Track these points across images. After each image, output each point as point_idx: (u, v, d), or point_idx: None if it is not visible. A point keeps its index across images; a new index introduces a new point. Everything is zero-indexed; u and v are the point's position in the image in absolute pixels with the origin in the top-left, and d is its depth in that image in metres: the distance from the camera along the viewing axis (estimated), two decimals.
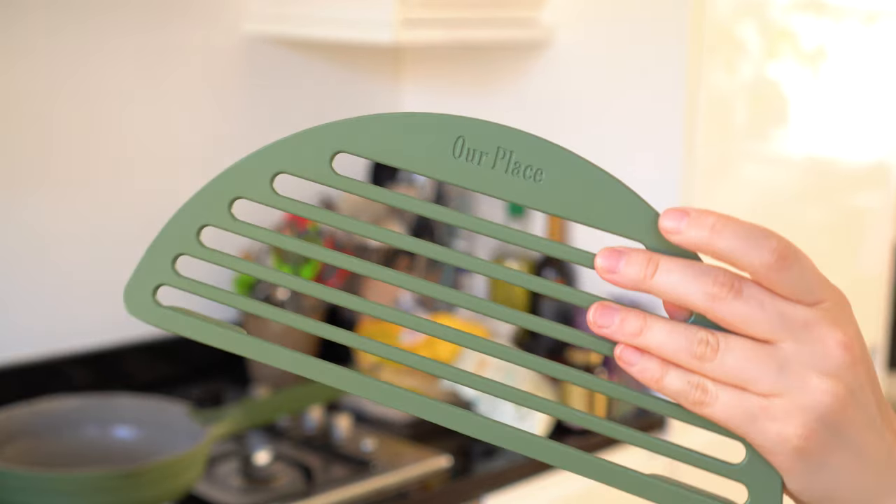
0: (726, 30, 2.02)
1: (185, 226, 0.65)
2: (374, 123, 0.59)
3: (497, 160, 0.57)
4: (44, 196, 1.96)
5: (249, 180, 0.61)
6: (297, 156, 0.61)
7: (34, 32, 1.91)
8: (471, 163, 0.57)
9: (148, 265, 0.66)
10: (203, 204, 0.66)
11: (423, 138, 0.58)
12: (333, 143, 0.62)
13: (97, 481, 1.44)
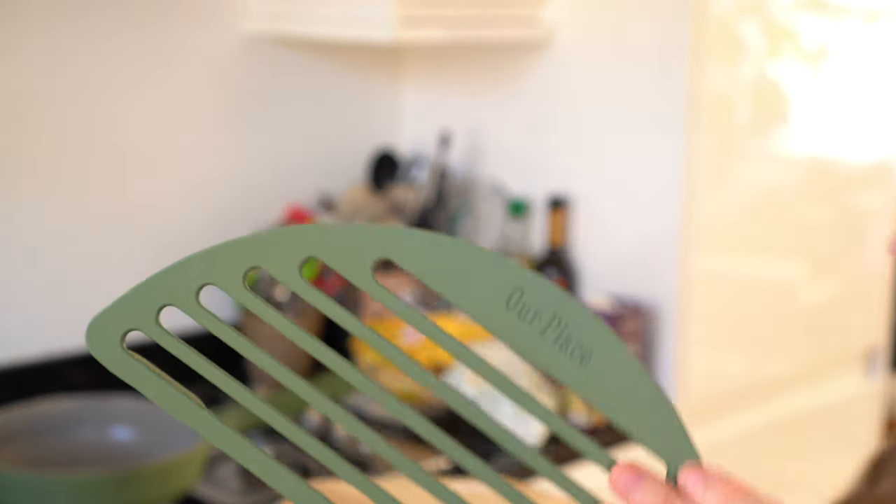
0: (728, 29, 2.02)
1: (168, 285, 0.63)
2: (439, 245, 0.56)
3: (549, 327, 0.55)
4: (41, 196, 1.96)
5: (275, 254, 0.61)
6: (338, 253, 0.59)
7: (31, 31, 1.91)
8: (521, 320, 0.55)
9: (125, 305, 0.62)
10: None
11: (483, 277, 0.55)
12: (381, 251, 0.58)
13: (95, 483, 1.44)
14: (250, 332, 2.11)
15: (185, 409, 0.58)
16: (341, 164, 2.34)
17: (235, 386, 0.57)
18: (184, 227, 2.13)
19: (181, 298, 0.59)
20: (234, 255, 0.56)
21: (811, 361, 2.28)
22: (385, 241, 0.55)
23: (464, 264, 0.55)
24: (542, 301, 0.54)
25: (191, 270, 0.58)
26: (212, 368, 0.59)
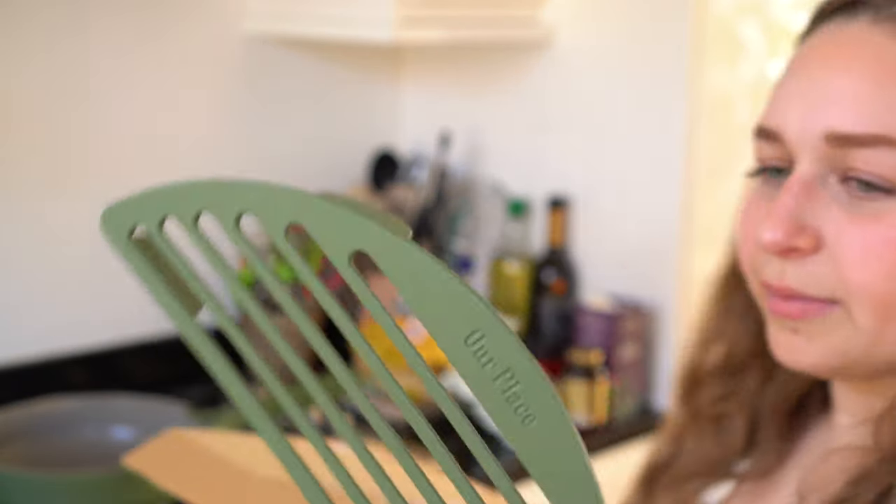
0: (728, 28, 2.02)
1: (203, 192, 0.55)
2: (417, 260, 0.53)
3: (500, 377, 0.53)
4: (42, 196, 1.96)
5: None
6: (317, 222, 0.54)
7: (32, 31, 1.91)
8: (476, 360, 0.53)
9: (136, 203, 0.58)
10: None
11: (449, 306, 0.53)
12: (353, 242, 0.54)
13: (96, 482, 1.44)
14: (250, 332, 2.11)
15: (177, 311, 0.54)
16: (341, 164, 2.34)
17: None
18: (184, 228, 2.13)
19: (183, 215, 0.55)
20: (234, 193, 0.52)
21: None
22: (367, 236, 0.54)
23: (434, 288, 0.53)
24: (500, 350, 0.53)
25: (195, 192, 0.54)
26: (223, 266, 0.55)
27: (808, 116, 0.68)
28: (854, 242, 0.67)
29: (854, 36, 0.69)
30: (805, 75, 0.70)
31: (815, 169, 0.69)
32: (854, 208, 0.67)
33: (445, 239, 2.29)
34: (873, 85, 0.67)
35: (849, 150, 0.67)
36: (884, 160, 0.66)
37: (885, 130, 0.66)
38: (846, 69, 0.68)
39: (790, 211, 0.68)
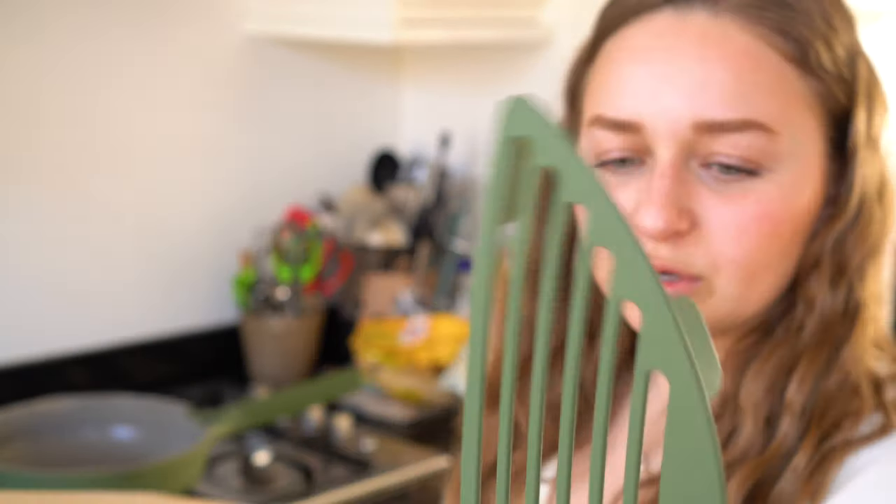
0: None
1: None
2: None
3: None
4: (42, 196, 1.96)
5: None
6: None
7: (34, 32, 1.91)
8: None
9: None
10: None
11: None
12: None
13: (96, 482, 1.44)
14: (250, 332, 2.12)
15: (491, 213, 0.48)
16: (342, 165, 2.35)
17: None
18: (185, 228, 2.14)
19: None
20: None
21: None
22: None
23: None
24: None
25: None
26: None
27: (675, 106, 0.70)
28: (728, 221, 0.70)
29: (700, 27, 0.71)
30: (653, 64, 0.72)
31: (679, 155, 0.71)
32: (722, 189, 0.71)
33: (445, 239, 2.29)
34: (733, 73, 0.70)
35: (714, 135, 0.70)
36: (750, 143, 0.70)
37: (751, 115, 0.69)
38: (703, 59, 0.70)
39: (669, 197, 0.70)
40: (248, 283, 2.14)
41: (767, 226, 0.71)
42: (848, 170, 0.75)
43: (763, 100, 0.70)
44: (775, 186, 0.71)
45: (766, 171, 0.71)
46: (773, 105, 0.70)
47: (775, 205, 0.71)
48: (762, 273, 0.73)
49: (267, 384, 2.10)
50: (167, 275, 2.12)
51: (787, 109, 0.71)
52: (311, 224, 2.15)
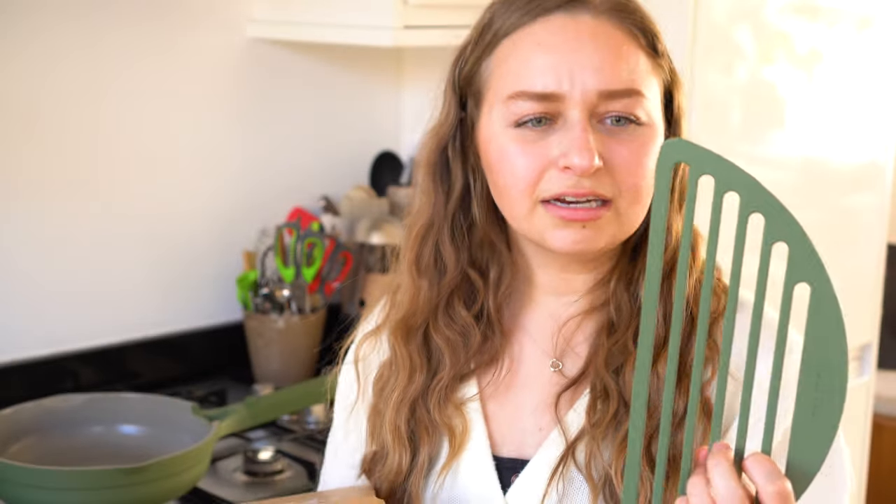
0: (722, 33, 2.05)
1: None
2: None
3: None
4: (48, 198, 1.98)
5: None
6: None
7: (36, 33, 1.93)
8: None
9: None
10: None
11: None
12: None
13: (104, 477, 1.45)
14: (253, 331, 2.14)
15: (658, 232, 0.86)
16: (344, 166, 2.36)
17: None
18: (189, 228, 2.16)
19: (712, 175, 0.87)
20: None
21: None
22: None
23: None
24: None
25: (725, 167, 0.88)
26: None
27: (585, 81, 0.98)
28: (625, 157, 0.99)
29: (588, 25, 1.00)
30: (563, 53, 1.00)
31: (585, 114, 0.99)
32: (617, 135, 1.00)
33: None
34: (617, 57, 1.00)
35: (610, 100, 0.99)
36: (633, 102, 0.99)
37: (632, 85, 0.99)
38: (597, 48, 0.99)
39: (590, 143, 0.98)
40: (251, 282, 2.16)
41: (646, 159, 1.00)
42: (671, 131, 1.05)
43: (636, 75, 1.00)
44: (648, 131, 1.01)
45: (641, 121, 1.00)
46: (640, 78, 1.00)
47: (649, 145, 1.00)
48: (645, 196, 1.01)
49: (270, 382, 2.12)
50: (172, 275, 2.14)
51: (646, 82, 1.01)
52: (313, 225, 2.18)
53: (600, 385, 1.02)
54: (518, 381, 1.08)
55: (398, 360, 1.10)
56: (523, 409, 1.07)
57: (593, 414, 1.02)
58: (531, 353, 1.08)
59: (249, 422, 1.67)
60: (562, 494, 1.01)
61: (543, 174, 0.99)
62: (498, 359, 1.08)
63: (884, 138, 2.42)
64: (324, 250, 2.16)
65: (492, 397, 1.08)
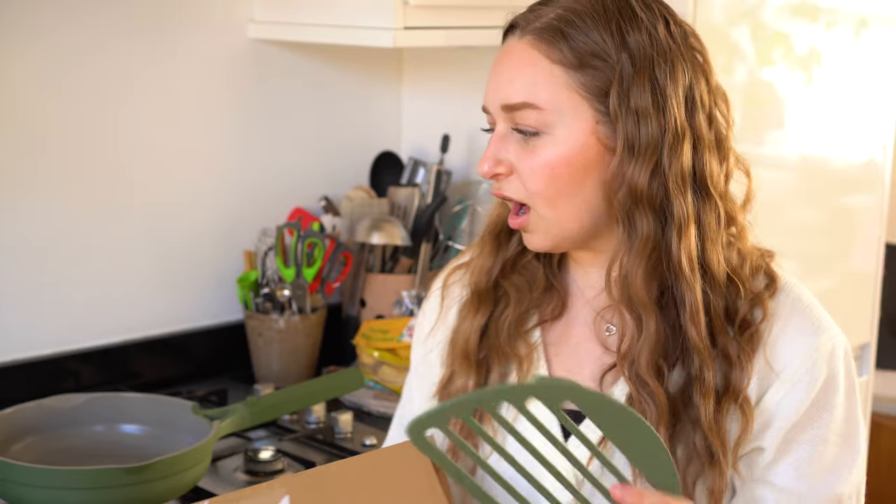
0: (721, 34, 2.05)
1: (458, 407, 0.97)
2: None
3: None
4: (49, 199, 1.99)
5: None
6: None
7: (38, 35, 1.93)
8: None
9: (433, 416, 0.96)
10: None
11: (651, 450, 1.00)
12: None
13: (104, 477, 1.46)
14: (254, 331, 2.15)
15: (460, 476, 1.00)
16: (344, 166, 2.37)
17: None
18: (191, 228, 2.16)
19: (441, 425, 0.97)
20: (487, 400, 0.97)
21: None
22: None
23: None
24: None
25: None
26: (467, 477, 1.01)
27: (494, 98, 1.14)
28: (526, 166, 1.13)
29: (511, 46, 1.15)
30: (494, 72, 1.16)
31: (503, 127, 1.14)
32: (523, 145, 1.13)
33: (445, 239, 2.32)
34: (518, 74, 1.12)
35: (511, 112, 1.13)
36: (528, 116, 1.12)
37: (526, 99, 1.11)
38: (508, 68, 1.14)
39: (491, 151, 1.15)
40: (252, 282, 2.17)
41: (547, 168, 1.12)
42: (616, 129, 1.11)
43: (534, 89, 1.12)
44: (549, 143, 1.12)
45: (542, 133, 1.12)
46: (541, 91, 1.11)
47: (550, 155, 1.12)
48: (561, 200, 1.13)
49: (270, 382, 2.12)
50: (173, 275, 2.14)
51: (552, 94, 1.11)
52: (313, 225, 2.18)
53: (638, 379, 1.13)
54: (573, 339, 1.22)
55: (472, 294, 1.25)
56: (581, 367, 1.20)
57: (632, 404, 1.12)
58: (584, 311, 1.22)
59: (250, 421, 1.67)
60: (601, 475, 1.10)
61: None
62: (558, 315, 1.23)
63: (882, 138, 2.42)
64: (324, 250, 2.17)
65: (553, 347, 1.22)
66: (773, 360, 1.12)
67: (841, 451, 1.15)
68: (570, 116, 1.11)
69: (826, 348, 1.14)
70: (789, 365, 1.13)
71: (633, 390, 1.12)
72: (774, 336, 1.13)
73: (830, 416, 1.14)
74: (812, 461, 1.13)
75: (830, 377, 1.14)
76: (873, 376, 2.52)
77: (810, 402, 1.13)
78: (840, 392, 1.15)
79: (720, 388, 1.11)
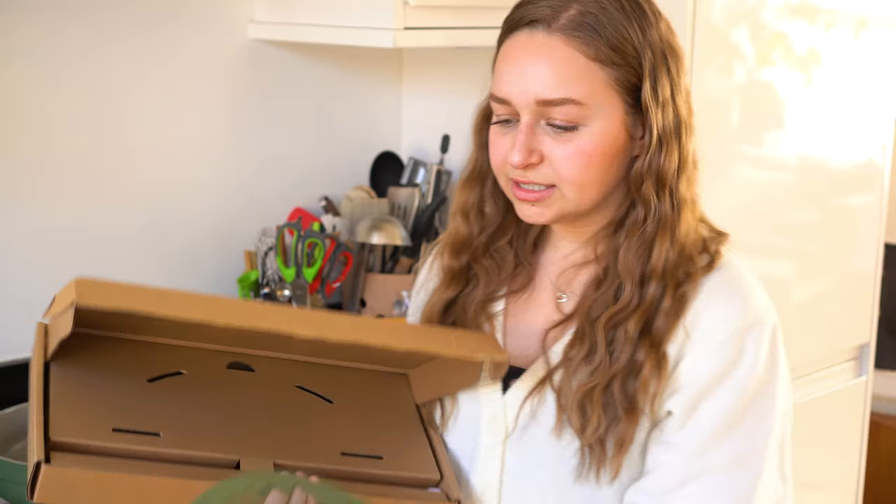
0: (720, 34, 2.06)
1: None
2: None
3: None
4: (50, 198, 1.99)
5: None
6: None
7: (40, 35, 1.94)
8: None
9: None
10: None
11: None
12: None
13: None
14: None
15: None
16: (344, 166, 2.37)
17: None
18: (191, 228, 2.17)
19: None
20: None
21: (800, 358, 2.32)
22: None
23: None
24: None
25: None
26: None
27: (525, 90, 1.18)
28: (560, 154, 1.19)
29: (540, 42, 1.19)
30: (517, 65, 1.19)
31: (532, 118, 1.19)
32: (557, 137, 1.19)
33: None
34: (555, 70, 1.17)
35: (548, 107, 1.18)
36: (568, 111, 1.18)
37: (567, 94, 1.17)
38: (539, 62, 1.18)
39: (524, 143, 1.19)
40: (252, 282, 2.17)
41: (583, 157, 1.19)
42: (646, 119, 1.20)
43: (574, 85, 1.17)
44: (586, 134, 1.18)
45: (580, 126, 1.18)
46: (581, 87, 1.18)
47: (587, 145, 1.18)
48: (588, 186, 1.20)
49: None
50: (174, 275, 2.15)
51: (591, 89, 1.18)
52: (314, 225, 2.19)
53: (581, 328, 1.24)
54: (532, 306, 1.32)
55: (445, 273, 1.35)
56: (532, 329, 1.30)
57: (570, 350, 1.23)
58: (546, 286, 1.32)
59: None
60: (535, 407, 1.24)
61: (505, 161, 1.22)
62: (523, 288, 1.33)
63: (881, 139, 2.43)
64: (324, 250, 2.17)
65: (512, 315, 1.32)
66: (692, 328, 1.20)
67: (747, 424, 1.19)
68: (605, 110, 1.19)
69: (745, 324, 1.20)
70: (706, 335, 1.19)
71: (577, 339, 1.23)
72: (698, 307, 1.20)
73: (740, 390, 1.19)
74: (714, 429, 1.18)
75: (746, 353, 1.20)
76: (872, 376, 2.53)
77: (721, 373, 1.19)
78: (756, 368, 1.20)
79: (646, 338, 1.20)
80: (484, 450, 1.28)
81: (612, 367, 1.19)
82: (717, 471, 1.18)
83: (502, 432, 1.26)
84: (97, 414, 1.09)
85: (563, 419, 1.21)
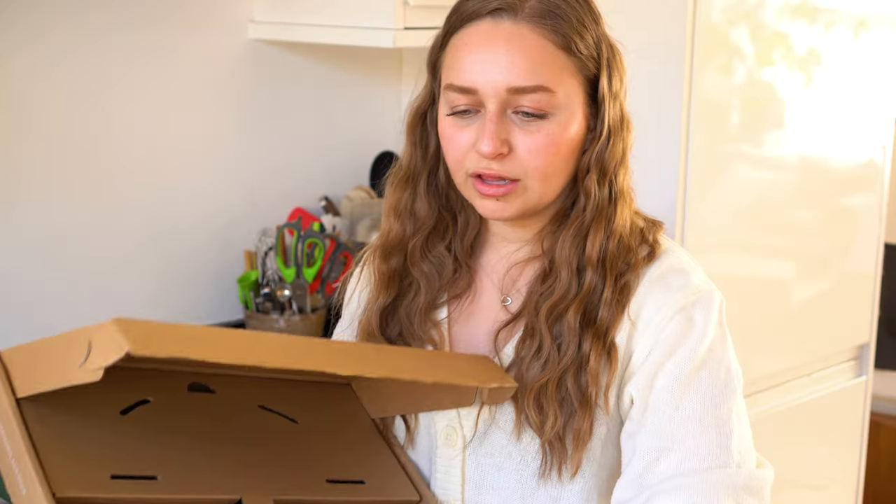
0: (721, 35, 2.06)
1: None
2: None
3: None
4: (49, 199, 1.99)
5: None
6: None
7: (41, 35, 1.94)
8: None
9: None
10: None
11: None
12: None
13: None
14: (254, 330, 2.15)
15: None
16: (344, 166, 2.37)
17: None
18: (191, 228, 2.17)
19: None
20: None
21: (801, 358, 2.32)
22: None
23: None
24: None
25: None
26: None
27: (496, 79, 1.16)
28: (529, 145, 1.17)
29: (507, 30, 1.17)
30: (485, 53, 1.17)
31: (499, 107, 1.17)
32: (525, 126, 1.17)
33: None
34: (526, 58, 1.16)
35: (519, 95, 1.16)
36: (539, 99, 1.16)
37: (539, 82, 1.16)
38: (512, 50, 1.16)
39: (495, 132, 1.16)
40: (252, 282, 2.17)
41: (552, 147, 1.18)
42: (600, 111, 1.21)
43: (546, 72, 1.17)
44: (555, 124, 1.18)
45: (549, 115, 1.17)
46: (552, 75, 1.17)
47: (555, 135, 1.18)
48: (552, 177, 1.19)
49: None
50: (174, 275, 2.15)
51: (559, 78, 1.17)
52: (313, 225, 2.19)
53: (530, 324, 1.23)
54: (477, 311, 1.30)
55: (374, 277, 1.32)
56: (479, 334, 1.29)
57: (521, 348, 1.23)
58: (489, 289, 1.30)
59: None
60: (494, 410, 1.24)
61: (467, 154, 1.19)
62: (465, 292, 1.30)
63: (881, 139, 2.43)
64: (324, 250, 2.18)
65: (456, 322, 1.30)
66: (636, 317, 1.21)
67: (704, 385, 1.20)
68: (571, 98, 1.19)
69: (689, 300, 1.21)
70: (652, 320, 1.20)
71: (527, 335, 1.22)
72: (641, 295, 1.21)
73: (691, 353, 1.20)
74: (673, 398, 1.19)
75: (694, 324, 1.21)
76: (872, 376, 2.53)
77: (673, 345, 1.20)
78: (706, 335, 1.21)
79: (590, 329, 1.21)
80: (442, 463, 1.27)
81: (561, 360, 1.20)
82: (686, 437, 1.18)
83: (460, 443, 1.26)
84: (89, 459, 1.06)
85: (522, 419, 1.21)
